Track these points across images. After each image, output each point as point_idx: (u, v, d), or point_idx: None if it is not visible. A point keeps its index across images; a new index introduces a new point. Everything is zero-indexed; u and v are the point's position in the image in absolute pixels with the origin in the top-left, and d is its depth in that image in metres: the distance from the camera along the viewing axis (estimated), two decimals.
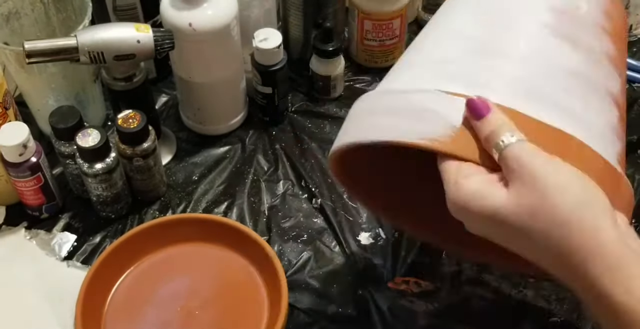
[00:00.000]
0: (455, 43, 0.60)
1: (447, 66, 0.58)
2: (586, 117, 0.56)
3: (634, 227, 0.85)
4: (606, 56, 0.59)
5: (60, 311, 0.79)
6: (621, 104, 0.61)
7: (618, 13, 0.63)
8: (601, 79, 0.58)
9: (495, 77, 0.56)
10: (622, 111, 0.61)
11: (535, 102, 0.54)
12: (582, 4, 0.60)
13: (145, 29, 0.79)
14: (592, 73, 0.58)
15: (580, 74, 0.57)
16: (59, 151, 0.82)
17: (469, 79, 0.56)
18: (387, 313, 0.78)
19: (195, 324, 0.77)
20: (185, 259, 0.82)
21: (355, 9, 0.96)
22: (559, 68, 0.57)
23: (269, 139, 0.95)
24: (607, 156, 0.55)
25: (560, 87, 0.56)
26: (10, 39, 0.86)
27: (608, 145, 0.57)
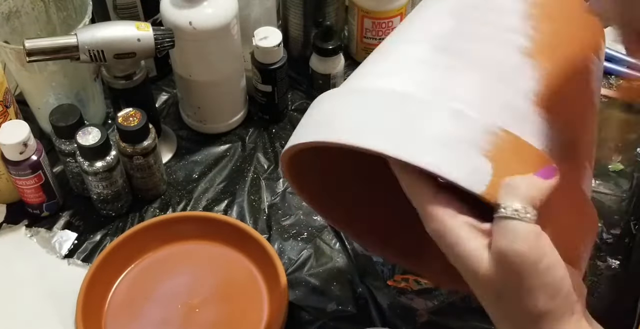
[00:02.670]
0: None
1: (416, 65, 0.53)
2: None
3: (634, 225, 0.85)
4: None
5: (61, 309, 0.79)
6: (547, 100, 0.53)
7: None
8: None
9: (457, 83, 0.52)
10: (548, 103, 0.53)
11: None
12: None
13: (145, 28, 0.79)
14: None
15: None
16: (60, 149, 0.82)
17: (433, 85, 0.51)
18: (387, 310, 0.78)
19: (195, 321, 0.77)
20: (186, 257, 0.82)
21: (355, 8, 0.97)
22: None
23: (269, 137, 0.95)
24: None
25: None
26: (10, 38, 0.86)
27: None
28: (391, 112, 0.49)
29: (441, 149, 0.47)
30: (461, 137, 0.47)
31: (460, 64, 0.52)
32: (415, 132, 0.48)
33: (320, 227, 0.85)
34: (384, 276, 0.81)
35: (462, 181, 0.46)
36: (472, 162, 0.46)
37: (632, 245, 0.83)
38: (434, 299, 0.79)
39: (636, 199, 0.88)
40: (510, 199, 0.46)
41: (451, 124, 0.48)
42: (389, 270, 0.81)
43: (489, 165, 0.46)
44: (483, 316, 0.78)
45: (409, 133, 0.48)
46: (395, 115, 0.49)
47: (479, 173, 0.46)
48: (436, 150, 0.47)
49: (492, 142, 0.47)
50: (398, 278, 0.80)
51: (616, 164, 0.91)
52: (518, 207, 0.46)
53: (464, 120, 0.48)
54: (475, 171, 0.46)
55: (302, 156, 0.55)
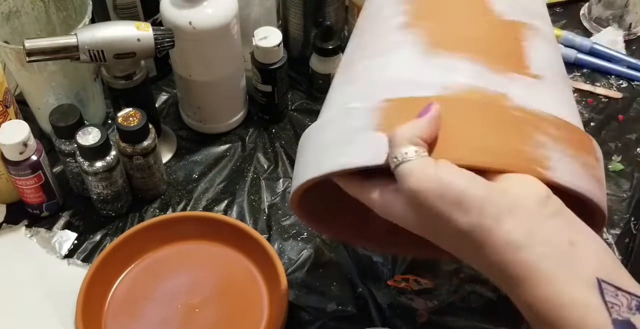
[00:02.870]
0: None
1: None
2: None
3: (634, 225, 0.85)
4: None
5: (61, 309, 0.79)
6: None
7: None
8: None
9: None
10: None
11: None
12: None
13: (145, 28, 0.79)
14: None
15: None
16: (60, 149, 0.82)
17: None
18: (387, 310, 0.78)
19: (195, 321, 0.77)
20: (186, 257, 0.82)
21: (355, 8, 0.97)
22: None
23: (269, 138, 0.95)
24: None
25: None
26: (10, 38, 0.86)
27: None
28: (319, 142, 0.57)
29: (344, 148, 0.54)
30: (357, 127, 0.54)
31: (356, 70, 0.60)
32: (331, 145, 0.55)
33: None
34: (384, 276, 0.81)
35: (363, 162, 0.52)
36: (367, 142, 0.52)
37: (632, 245, 0.83)
38: (434, 299, 0.79)
39: (636, 199, 0.88)
40: (392, 150, 0.50)
41: (346, 123, 0.55)
42: (389, 270, 0.81)
43: (382, 135, 0.52)
44: (483, 316, 0.78)
45: (328, 149, 0.55)
46: (313, 143, 0.58)
47: (376, 147, 0.51)
48: (342, 151, 0.54)
49: (380, 116, 0.53)
50: (398, 278, 0.80)
51: (616, 164, 0.91)
52: (397, 154, 0.49)
53: (353, 113, 0.55)
54: (372, 147, 0.52)
55: (306, 193, 0.60)
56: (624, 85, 1.00)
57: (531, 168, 0.50)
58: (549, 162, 0.51)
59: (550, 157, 0.51)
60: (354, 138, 0.53)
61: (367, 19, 0.64)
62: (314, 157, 0.56)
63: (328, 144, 0.55)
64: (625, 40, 1.05)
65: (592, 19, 1.07)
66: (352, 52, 0.63)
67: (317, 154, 0.56)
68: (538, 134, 0.52)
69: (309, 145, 0.58)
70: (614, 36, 1.05)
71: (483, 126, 0.52)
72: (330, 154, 0.55)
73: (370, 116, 0.54)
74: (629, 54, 1.03)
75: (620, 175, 0.90)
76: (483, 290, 0.79)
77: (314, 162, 0.56)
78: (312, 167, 0.56)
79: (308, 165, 0.57)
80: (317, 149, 0.56)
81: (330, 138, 0.56)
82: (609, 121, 0.96)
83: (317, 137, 0.58)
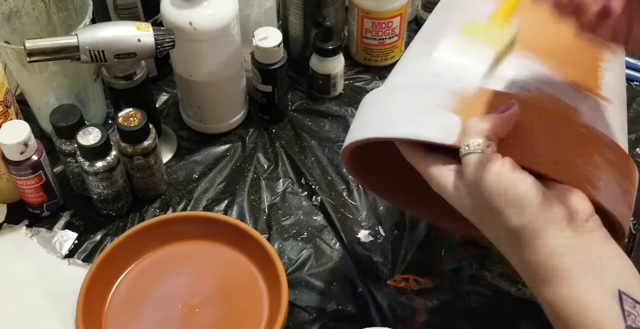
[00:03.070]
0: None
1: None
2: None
3: (633, 225, 0.85)
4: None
5: (61, 309, 0.79)
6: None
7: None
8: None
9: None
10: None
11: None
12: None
13: (145, 28, 0.79)
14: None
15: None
16: (60, 149, 0.83)
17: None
18: (386, 310, 0.78)
19: (195, 321, 0.77)
20: (186, 257, 0.82)
21: (355, 8, 0.97)
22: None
23: (269, 138, 0.95)
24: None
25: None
26: (11, 38, 0.86)
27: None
28: (386, 104, 0.59)
29: (416, 118, 0.56)
30: (434, 103, 0.56)
31: (435, 44, 0.61)
32: (401, 111, 0.57)
33: (320, 227, 0.86)
34: (384, 276, 0.81)
35: (435, 138, 0.54)
36: (441, 120, 0.55)
37: (632, 245, 0.83)
38: (434, 299, 0.79)
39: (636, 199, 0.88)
40: (466, 138, 0.53)
41: (424, 95, 0.57)
42: (389, 270, 0.81)
43: (457, 118, 0.54)
44: (483, 316, 0.78)
45: (397, 114, 0.57)
46: (382, 105, 0.59)
47: (449, 127, 0.54)
48: (412, 120, 0.56)
49: (458, 100, 0.55)
50: (398, 278, 0.80)
51: None
52: (469, 143, 0.53)
53: (434, 88, 0.57)
54: (446, 127, 0.54)
55: (358, 153, 0.63)
56: None
57: (583, 185, 0.53)
58: (598, 183, 0.54)
59: (601, 179, 0.54)
60: (428, 112, 0.55)
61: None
62: (381, 117, 0.58)
63: (399, 108, 0.57)
64: None
65: None
66: (437, 25, 0.64)
67: (384, 115, 0.58)
68: (596, 155, 0.55)
69: (377, 104, 0.60)
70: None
71: (551, 135, 0.54)
72: (400, 119, 0.57)
73: (450, 96, 0.56)
74: (629, 54, 1.03)
75: None
76: (483, 289, 0.79)
77: (380, 122, 0.58)
78: (377, 126, 0.58)
79: (372, 123, 0.59)
80: (386, 109, 0.58)
81: (403, 103, 0.57)
82: None
83: (389, 99, 0.59)
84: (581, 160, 0.54)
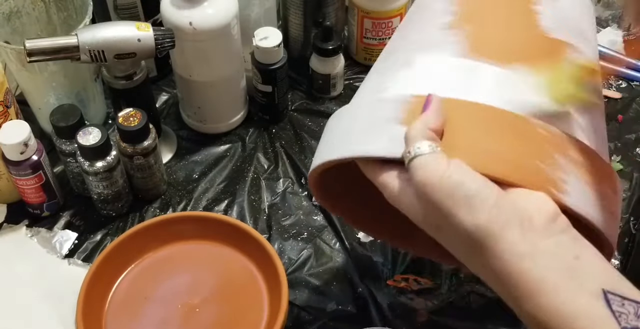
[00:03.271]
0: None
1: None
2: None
3: (633, 225, 0.85)
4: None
5: (61, 309, 0.79)
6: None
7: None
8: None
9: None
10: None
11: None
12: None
13: (145, 28, 0.79)
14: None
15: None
16: (60, 149, 0.83)
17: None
18: (386, 310, 0.78)
19: (195, 321, 0.77)
20: (186, 257, 0.82)
21: (355, 8, 0.97)
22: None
23: (269, 138, 0.95)
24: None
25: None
26: (11, 38, 0.86)
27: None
28: (339, 125, 0.59)
29: (368, 134, 0.55)
30: (384, 118, 0.55)
31: (395, 60, 0.61)
32: (356, 130, 0.56)
33: (321, 227, 0.86)
34: (384, 276, 0.81)
35: (387, 154, 0.53)
36: (391, 133, 0.54)
37: (631, 245, 0.83)
38: (434, 299, 0.79)
39: (636, 199, 0.88)
40: (407, 144, 0.51)
41: (376, 112, 0.56)
42: (389, 270, 0.81)
43: (404, 129, 0.52)
44: (483, 316, 0.78)
45: (347, 134, 0.57)
46: (341, 125, 0.59)
47: (400, 140, 0.52)
48: (366, 137, 0.55)
49: (405, 110, 0.54)
50: (398, 278, 0.80)
51: (616, 164, 0.91)
52: (411, 148, 0.50)
53: (384, 103, 0.56)
54: (395, 140, 0.53)
55: (326, 173, 0.61)
56: (623, 85, 1.01)
57: (546, 188, 0.50)
58: (564, 186, 0.51)
59: (567, 181, 0.51)
60: (380, 128, 0.55)
61: (417, 10, 0.65)
62: (340, 139, 0.58)
63: (355, 130, 0.57)
64: (624, 40, 1.05)
65: None
66: (395, 41, 0.65)
67: (343, 137, 0.58)
68: (558, 156, 0.52)
69: (337, 126, 0.60)
70: (613, 36, 1.05)
71: (506, 137, 0.52)
72: (356, 139, 0.56)
73: (398, 108, 0.55)
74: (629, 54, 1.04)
75: (620, 175, 0.90)
76: (483, 290, 0.79)
77: (339, 144, 0.58)
78: (337, 149, 0.57)
79: (333, 146, 0.58)
80: (344, 132, 0.58)
81: (359, 124, 0.57)
82: (609, 121, 0.96)
83: (346, 120, 0.59)
84: (542, 162, 0.51)
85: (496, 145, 0.51)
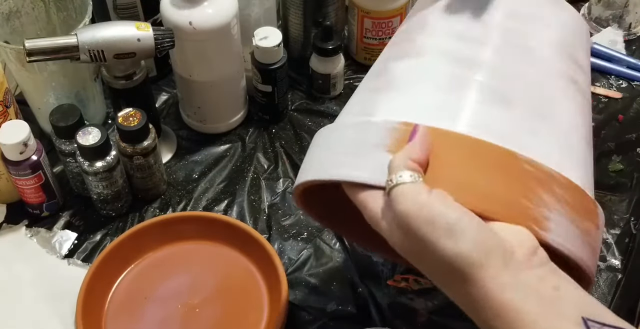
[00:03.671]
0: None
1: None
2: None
3: (634, 225, 0.85)
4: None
5: (61, 309, 0.79)
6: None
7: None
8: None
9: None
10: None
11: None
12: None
13: (145, 28, 0.79)
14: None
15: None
16: (60, 149, 0.83)
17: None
18: (386, 310, 0.78)
19: (195, 321, 0.77)
20: (186, 257, 0.82)
21: (355, 8, 0.97)
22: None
23: (269, 137, 0.95)
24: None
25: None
26: (10, 38, 0.86)
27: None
28: (324, 143, 0.59)
29: (355, 159, 0.55)
30: (370, 142, 0.55)
31: (386, 81, 0.60)
32: (343, 152, 0.56)
33: (320, 227, 0.86)
34: (384, 276, 0.81)
35: (369, 180, 0.53)
36: (377, 161, 0.53)
37: (632, 245, 0.83)
38: (434, 299, 0.79)
39: (636, 199, 0.88)
40: (389, 173, 0.51)
41: (363, 135, 0.55)
42: (389, 270, 0.81)
43: (389, 157, 0.52)
44: None
45: (332, 155, 0.57)
46: (326, 144, 0.59)
47: (383, 168, 0.52)
48: (352, 161, 0.55)
49: (392, 137, 0.54)
50: (398, 278, 0.80)
51: (616, 164, 0.91)
52: (392, 177, 0.50)
53: (372, 128, 0.55)
54: (381, 167, 0.52)
55: (308, 191, 0.62)
56: (623, 85, 1.01)
57: (528, 225, 0.50)
58: (547, 223, 0.51)
59: (550, 219, 0.51)
60: (366, 153, 0.54)
61: (409, 30, 0.64)
62: (326, 159, 0.58)
63: (341, 151, 0.56)
64: (625, 40, 1.05)
65: (592, 19, 1.07)
66: (386, 58, 0.63)
67: (329, 158, 0.57)
68: (543, 192, 0.52)
69: (324, 144, 0.59)
70: (613, 36, 1.05)
71: (491, 172, 0.52)
72: (342, 162, 0.56)
73: (385, 136, 0.54)
74: (629, 54, 1.04)
75: (620, 175, 0.90)
76: None
77: (324, 164, 0.57)
78: (321, 169, 0.57)
79: (318, 165, 0.58)
80: (331, 152, 0.58)
81: (345, 146, 0.56)
82: (609, 121, 0.96)
83: (333, 139, 0.59)
84: (526, 199, 0.51)
85: (481, 180, 0.51)
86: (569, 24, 0.63)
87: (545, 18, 0.61)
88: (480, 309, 0.49)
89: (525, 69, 0.58)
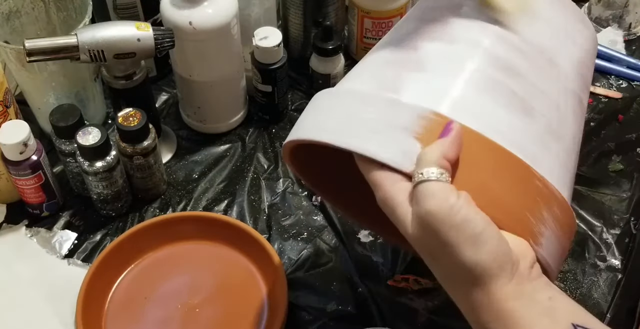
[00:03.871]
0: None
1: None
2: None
3: (634, 225, 0.85)
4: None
5: (61, 309, 0.79)
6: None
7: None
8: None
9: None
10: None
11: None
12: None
13: (145, 28, 0.79)
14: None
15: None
16: (60, 149, 0.83)
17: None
18: (386, 310, 0.78)
19: (195, 321, 0.77)
20: (186, 257, 0.82)
21: (355, 8, 0.97)
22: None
23: (269, 137, 0.95)
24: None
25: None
26: (10, 38, 0.86)
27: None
28: (341, 109, 0.56)
29: (379, 136, 0.53)
30: (394, 124, 0.53)
31: (412, 60, 0.58)
32: (359, 123, 0.54)
33: (321, 227, 0.86)
34: (384, 276, 0.81)
35: (391, 162, 0.52)
36: (402, 145, 0.53)
37: (632, 245, 0.83)
38: (434, 299, 0.79)
39: (636, 199, 0.88)
40: (420, 165, 0.51)
41: (390, 113, 0.54)
42: (389, 270, 0.81)
43: (417, 146, 0.52)
44: None
45: (353, 124, 0.55)
46: (344, 110, 0.56)
47: (409, 154, 0.52)
48: (371, 137, 0.53)
49: (423, 126, 0.53)
50: (398, 278, 0.80)
51: (616, 164, 0.91)
52: (424, 171, 0.50)
53: (402, 109, 0.54)
54: (405, 152, 0.52)
55: (299, 148, 0.61)
56: (623, 85, 1.00)
57: (526, 239, 0.53)
58: (541, 239, 0.53)
59: (544, 235, 0.54)
60: (391, 134, 0.53)
61: (440, 7, 0.62)
62: (340, 122, 0.55)
63: (359, 122, 0.55)
64: (625, 40, 1.05)
65: (592, 19, 1.07)
66: (414, 33, 0.61)
67: (344, 121, 0.55)
68: (544, 209, 0.54)
69: (339, 105, 0.57)
70: (613, 36, 1.05)
71: (508, 182, 0.53)
72: (360, 133, 0.54)
73: (416, 121, 0.53)
74: (629, 54, 1.03)
75: (620, 175, 0.90)
76: None
77: (336, 127, 0.55)
78: (333, 133, 0.55)
79: (327, 126, 0.56)
80: (347, 115, 0.56)
81: (365, 118, 0.55)
82: (609, 121, 0.96)
83: (350, 103, 0.56)
84: (531, 214, 0.53)
85: (497, 187, 0.53)
86: (589, 42, 0.63)
87: (573, 35, 0.62)
88: (482, 312, 0.51)
89: (549, 86, 0.58)
